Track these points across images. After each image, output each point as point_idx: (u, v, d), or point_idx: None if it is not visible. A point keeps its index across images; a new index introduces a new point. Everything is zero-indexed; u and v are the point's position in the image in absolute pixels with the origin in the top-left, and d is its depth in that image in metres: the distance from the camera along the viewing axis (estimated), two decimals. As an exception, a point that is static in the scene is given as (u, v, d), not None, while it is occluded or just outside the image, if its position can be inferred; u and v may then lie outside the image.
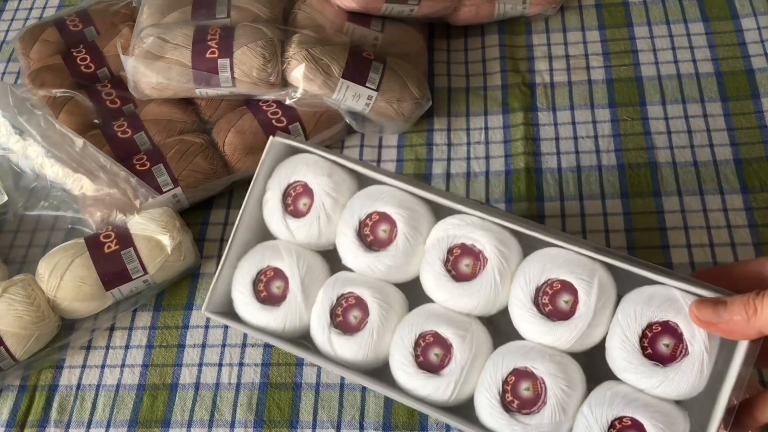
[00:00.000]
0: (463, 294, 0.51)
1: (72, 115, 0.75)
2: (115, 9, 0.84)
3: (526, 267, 0.51)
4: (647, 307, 0.47)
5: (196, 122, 0.76)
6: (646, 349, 0.47)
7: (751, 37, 0.78)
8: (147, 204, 0.68)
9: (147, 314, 0.69)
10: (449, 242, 0.52)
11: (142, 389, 0.64)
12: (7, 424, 0.64)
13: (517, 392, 0.49)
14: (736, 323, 0.43)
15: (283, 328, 0.55)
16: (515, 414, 0.48)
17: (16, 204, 0.74)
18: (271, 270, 0.56)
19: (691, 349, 0.46)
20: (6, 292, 0.64)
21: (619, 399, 0.47)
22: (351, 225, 0.54)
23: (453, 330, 0.51)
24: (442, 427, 0.60)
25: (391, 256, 0.53)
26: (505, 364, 0.49)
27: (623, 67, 0.78)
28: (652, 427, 0.46)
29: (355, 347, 0.52)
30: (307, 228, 0.56)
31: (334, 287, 0.54)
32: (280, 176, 0.57)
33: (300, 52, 0.70)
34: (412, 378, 0.51)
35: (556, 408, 0.47)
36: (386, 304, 0.53)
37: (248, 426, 0.61)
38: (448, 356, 0.51)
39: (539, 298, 0.50)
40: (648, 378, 0.47)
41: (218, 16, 0.74)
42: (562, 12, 0.83)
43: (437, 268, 0.52)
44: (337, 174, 0.56)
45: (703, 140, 0.72)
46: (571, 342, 0.49)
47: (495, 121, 0.76)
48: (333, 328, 0.53)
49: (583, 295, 0.48)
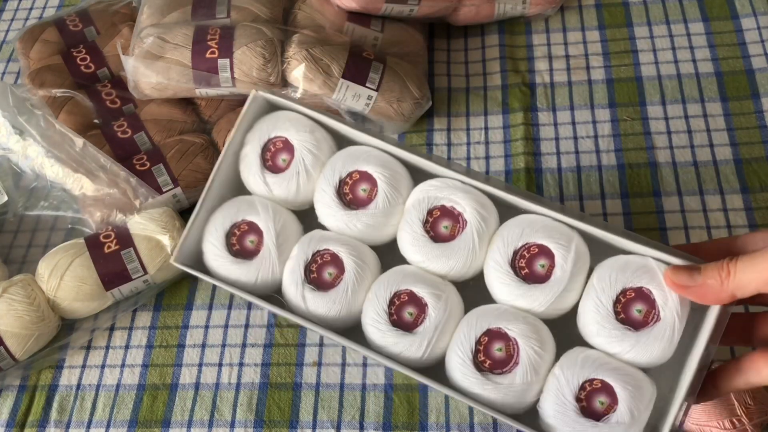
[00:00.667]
0: (441, 255, 0.52)
1: (72, 115, 0.75)
2: (115, 9, 0.84)
3: (505, 231, 0.51)
4: (622, 273, 0.48)
5: (196, 122, 0.76)
6: (619, 314, 0.48)
7: (751, 37, 0.78)
8: (147, 204, 0.68)
9: (147, 314, 0.69)
10: (429, 203, 0.53)
11: (142, 389, 0.64)
12: (7, 424, 0.64)
13: (490, 352, 0.49)
14: (710, 287, 0.44)
15: (255, 281, 0.54)
16: (487, 374, 0.49)
17: (16, 204, 0.74)
18: (246, 224, 0.55)
19: (663, 315, 0.47)
20: (6, 292, 0.64)
21: (590, 362, 0.48)
22: (331, 182, 0.54)
23: (428, 290, 0.51)
24: (442, 426, 0.60)
25: (369, 215, 0.53)
26: (479, 325, 0.50)
27: (623, 67, 0.78)
28: (622, 389, 0.47)
29: (329, 303, 0.52)
30: (285, 183, 0.55)
31: (310, 244, 0.54)
32: (260, 131, 0.56)
33: (300, 52, 0.70)
34: (385, 335, 0.51)
35: (528, 368, 0.48)
36: (362, 262, 0.53)
37: (248, 426, 0.62)
38: (422, 315, 0.51)
39: (516, 261, 0.50)
40: (620, 342, 0.48)
41: (218, 16, 0.74)
42: (562, 12, 0.83)
43: (416, 229, 0.52)
44: (319, 132, 0.56)
45: (703, 140, 0.72)
46: (546, 305, 0.49)
47: (495, 121, 0.76)
48: (307, 284, 0.53)
49: (560, 260, 0.49)
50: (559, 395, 0.47)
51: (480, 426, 0.60)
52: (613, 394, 0.47)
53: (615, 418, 0.46)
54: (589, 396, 0.47)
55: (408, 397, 0.62)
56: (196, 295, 0.69)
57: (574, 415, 0.47)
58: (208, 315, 0.68)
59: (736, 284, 0.44)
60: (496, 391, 0.48)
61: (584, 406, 0.47)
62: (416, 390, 0.62)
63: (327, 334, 0.52)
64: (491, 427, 0.60)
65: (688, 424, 0.53)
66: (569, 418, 0.47)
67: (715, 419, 0.52)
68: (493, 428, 0.59)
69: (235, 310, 0.68)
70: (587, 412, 0.47)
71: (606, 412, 0.47)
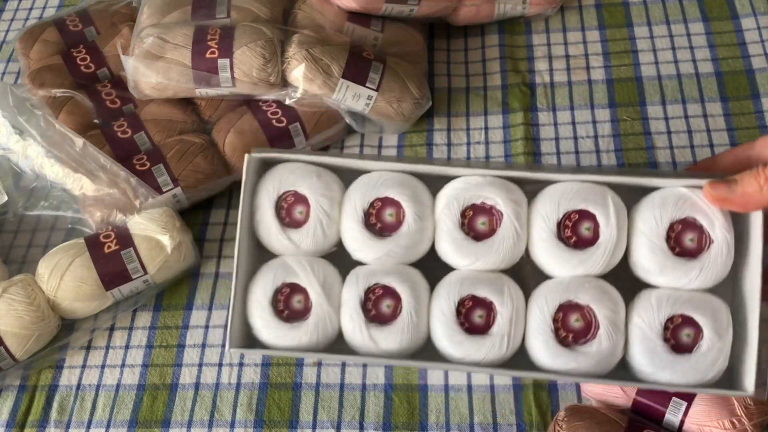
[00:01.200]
0: (488, 251, 0.52)
1: (72, 115, 0.75)
2: (115, 9, 0.84)
3: (540, 207, 0.52)
4: (664, 209, 0.50)
5: (196, 122, 0.76)
6: (674, 249, 0.50)
7: (751, 37, 0.78)
8: (147, 204, 0.68)
9: (147, 314, 0.69)
10: (460, 205, 0.53)
11: (142, 389, 0.64)
12: (7, 424, 0.64)
13: (569, 326, 0.50)
14: (750, 194, 0.47)
15: (317, 339, 0.53)
16: (573, 346, 0.50)
17: (16, 204, 0.74)
18: (287, 286, 0.54)
19: (714, 237, 0.49)
20: (6, 292, 0.64)
21: (665, 301, 0.49)
22: (356, 218, 0.54)
23: (489, 288, 0.52)
24: (442, 426, 0.60)
25: (405, 236, 0.53)
26: (550, 303, 0.51)
27: (623, 67, 0.78)
28: (702, 317, 0.49)
29: (398, 334, 0.52)
30: (311, 235, 0.55)
31: (358, 283, 0.53)
32: (267, 192, 0.55)
33: (300, 52, 0.70)
34: (463, 345, 0.51)
35: (609, 329, 0.49)
36: (414, 284, 0.53)
37: (248, 426, 0.62)
38: (492, 314, 0.52)
39: (562, 233, 0.52)
40: (685, 274, 0.50)
41: (218, 16, 0.74)
42: (562, 12, 0.83)
43: (455, 234, 0.53)
44: (325, 174, 0.56)
45: (703, 140, 0.72)
46: (604, 265, 0.51)
47: (495, 121, 0.76)
48: (370, 322, 0.53)
49: (602, 218, 0.51)
50: (646, 341, 0.49)
51: (480, 426, 0.60)
52: (696, 324, 0.49)
53: (705, 345, 0.48)
54: (674, 333, 0.49)
55: (408, 397, 0.62)
56: (196, 296, 0.69)
57: (667, 356, 0.49)
58: (208, 315, 0.68)
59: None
60: (588, 360, 0.49)
61: (673, 344, 0.49)
62: (416, 390, 0.62)
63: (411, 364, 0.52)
64: (491, 427, 0.60)
65: (688, 424, 0.53)
66: (663, 360, 0.49)
67: (715, 419, 0.52)
68: (493, 428, 0.59)
69: (235, 310, 0.68)
70: (678, 348, 0.49)
71: (695, 342, 0.49)
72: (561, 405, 0.60)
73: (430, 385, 0.62)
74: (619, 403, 0.56)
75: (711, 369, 0.48)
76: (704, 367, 0.48)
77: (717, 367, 0.48)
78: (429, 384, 0.62)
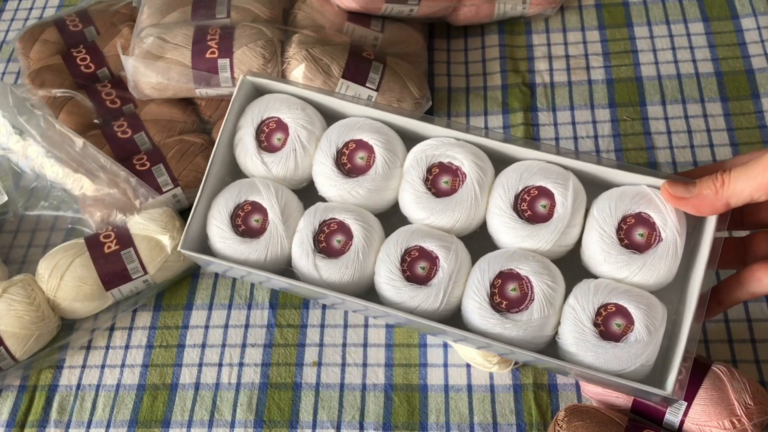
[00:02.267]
0: (445, 208, 0.54)
1: (72, 115, 0.75)
2: (115, 9, 0.84)
3: (503, 178, 0.54)
4: (620, 201, 0.51)
5: (196, 122, 0.76)
6: (622, 241, 0.51)
7: (751, 37, 0.78)
8: (147, 204, 0.68)
9: (147, 314, 0.69)
10: (427, 162, 0.55)
11: (142, 389, 0.65)
12: (7, 424, 0.64)
13: (505, 293, 0.51)
14: (706, 196, 0.47)
15: (265, 258, 0.55)
16: (505, 313, 0.51)
17: (16, 204, 0.74)
18: (249, 204, 0.56)
19: (664, 236, 0.50)
20: (6, 292, 0.64)
21: (602, 288, 0.50)
22: (328, 154, 0.56)
23: (437, 243, 0.53)
24: (442, 426, 0.60)
25: (370, 180, 0.55)
26: (491, 269, 0.52)
27: (623, 67, 0.78)
28: (636, 309, 0.49)
29: (342, 269, 0.54)
30: (283, 161, 0.57)
31: (315, 215, 0.55)
32: (252, 114, 0.58)
33: (300, 52, 0.70)
34: (401, 291, 0.52)
35: (543, 303, 0.50)
36: (368, 226, 0.55)
37: (248, 426, 0.62)
38: (434, 268, 0.53)
39: (518, 205, 0.53)
40: (627, 266, 0.50)
41: (218, 16, 0.74)
42: (562, 12, 0.83)
43: (417, 187, 0.54)
44: (309, 108, 0.58)
45: (703, 140, 0.72)
46: (552, 243, 0.52)
47: (495, 121, 0.76)
48: (317, 253, 0.54)
49: (560, 197, 0.52)
50: (577, 323, 0.50)
51: (480, 426, 0.60)
52: (628, 315, 0.49)
53: (633, 336, 0.49)
54: (605, 320, 0.49)
55: (408, 397, 0.62)
56: (196, 295, 0.69)
57: (595, 340, 0.49)
58: (208, 315, 0.68)
59: (731, 192, 0.46)
60: (516, 329, 0.50)
61: (602, 331, 0.49)
62: (416, 390, 0.62)
63: (347, 299, 0.53)
64: (491, 427, 0.60)
65: (688, 424, 0.53)
66: (589, 343, 0.49)
67: (715, 419, 0.52)
68: (493, 428, 0.59)
69: (235, 310, 0.68)
70: (606, 336, 0.49)
71: (624, 333, 0.49)
72: (561, 405, 0.60)
73: (430, 385, 0.62)
74: (619, 403, 0.56)
75: (634, 361, 0.48)
76: (627, 358, 0.48)
77: (640, 360, 0.48)
78: (429, 384, 0.62)
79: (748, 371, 0.60)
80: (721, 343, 0.62)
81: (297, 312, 0.67)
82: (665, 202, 0.50)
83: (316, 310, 0.67)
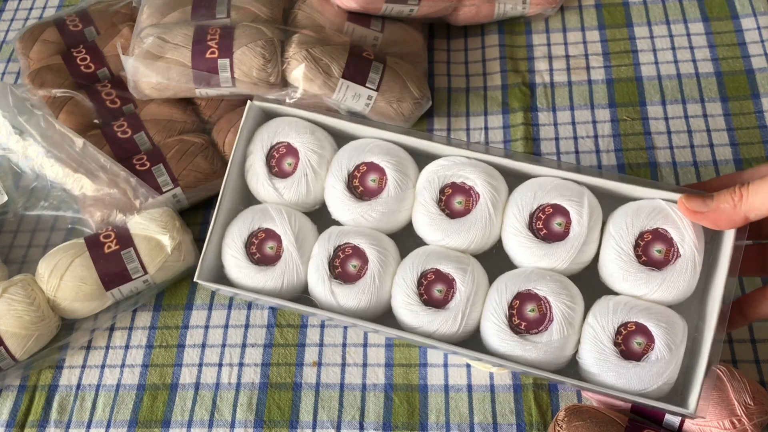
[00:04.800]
0: (460, 230, 0.53)
1: (72, 115, 0.75)
2: (115, 9, 0.84)
3: (517, 196, 0.53)
4: (636, 218, 0.50)
5: (196, 122, 0.76)
6: (640, 257, 0.50)
7: (751, 37, 0.78)
8: (147, 204, 0.68)
9: (147, 314, 0.69)
10: (440, 182, 0.54)
11: (142, 389, 0.65)
12: (7, 424, 0.64)
13: (523, 314, 0.51)
14: (723, 210, 0.46)
15: (281, 286, 0.55)
16: (524, 335, 0.50)
17: (16, 204, 0.74)
18: (263, 231, 0.56)
19: (682, 251, 0.49)
20: (6, 292, 0.64)
21: (621, 306, 0.49)
22: (340, 178, 0.56)
23: (453, 265, 0.52)
24: (442, 426, 0.60)
25: (383, 203, 0.55)
26: (509, 290, 0.51)
27: (623, 67, 0.78)
28: (656, 327, 0.48)
29: (358, 294, 0.53)
30: (295, 186, 0.57)
31: (330, 240, 0.55)
32: (261, 140, 0.58)
33: (300, 52, 0.70)
34: (419, 315, 0.52)
35: (562, 323, 0.50)
36: (384, 250, 0.54)
37: (248, 426, 0.62)
38: (451, 291, 0.52)
39: (533, 224, 0.52)
40: (646, 283, 0.50)
41: (218, 16, 0.74)
42: (562, 12, 0.83)
43: (431, 208, 0.54)
44: (319, 132, 0.58)
45: (703, 140, 0.72)
46: (568, 261, 0.51)
47: (495, 121, 0.76)
48: (333, 279, 0.54)
49: (575, 215, 0.51)
50: (597, 343, 0.49)
51: (480, 426, 0.60)
52: (649, 334, 0.49)
53: (654, 355, 0.48)
54: (626, 339, 0.49)
55: (408, 397, 0.62)
56: (196, 295, 0.69)
57: (615, 359, 0.48)
58: (208, 315, 0.68)
59: (749, 206, 0.45)
60: (536, 350, 0.49)
61: (623, 350, 0.49)
62: (416, 390, 0.62)
63: (367, 326, 0.52)
64: (491, 427, 0.60)
65: (688, 424, 0.53)
66: (611, 363, 0.48)
67: (715, 419, 0.52)
68: (493, 428, 0.59)
69: (235, 310, 0.68)
70: (627, 355, 0.49)
71: (645, 351, 0.48)
72: (561, 405, 0.60)
73: (430, 385, 0.62)
74: (619, 404, 0.56)
75: (656, 380, 0.48)
76: (649, 377, 0.48)
77: (662, 379, 0.48)
78: (429, 384, 0.62)
79: (748, 371, 0.60)
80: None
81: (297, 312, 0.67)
82: (682, 216, 0.49)
83: (316, 310, 0.67)
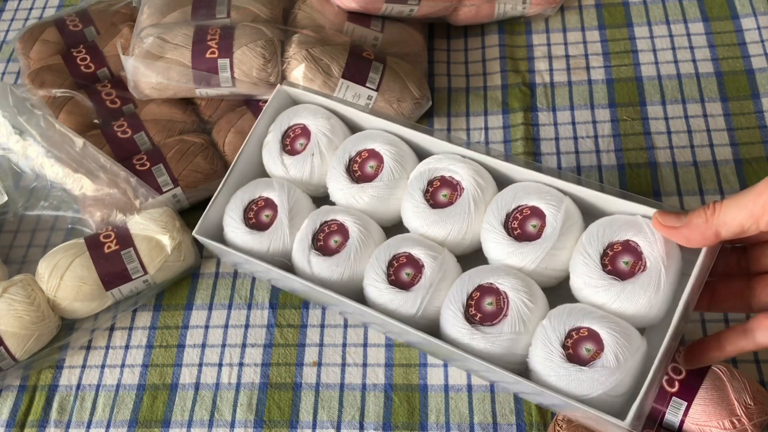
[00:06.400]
0: (439, 220, 0.55)
1: (72, 115, 0.75)
2: (115, 9, 0.84)
3: (499, 196, 0.55)
4: (609, 228, 0.51)
5: (196, 122, 0.76)
6: (606, 266, 0.50)
7: (751, 37, 0.78)
8: (147, 204, 0.68)
9: (147, 314, 0.69)
10: (430, 175, 0.56)
11: (142, 389, 0.65)
12: (7, 424, 0.64)
13: (481, 307, 0.51)
14: (696, 225, 0.46)
15: (267, 250, 0.58)
16: (476, 325, 0.50)
17: (16, 204, 0.74)
18: (263, 200, 0.60)
19: (649, 264, 0.49)
20: (6, 292, 0.64)
21: (577, 312, 0.49)
22: (342, 161, 0.59)
23: (425, 251, 0.54)
24: (442, 426, 0.60)
25: (374, 187, 0.57)
26: (471, 281, 0.52)
27: (623, 67, 0.78)
28: (608, 335, 0.48)
29: (333, 266, 0.55)
30: (301, 164, 0.60)
31: (319, 215, 0.58)
32: (281, 121, 0.62)
33: (300, 52, 0.70)
34: (382, 293, 0.53)
35: (516, 319, 0.50)
36: (366, 230, 0.56)
37: (248, 426, 0.62)
38: (419, 275, 0.53)
39: (509, 223, 0.53)
40: (606, 291, 0.49)
41: (218, 16, 0.74)
42: (562, 12, 0.83)
43: (417, 197, 0.56)
44: (334, 119, 0.61)
45: (703, 140, 0.72)
46: (536, 262, 0.51)
47: (495, 121, 0.76)
48: (313, 250, 0.56)
49: (551, 218, 0.52)
50: (546, 342, 0.49)
51: (480, 426, 0.60)
52: (600, 341, 0.48)
53: (600, 363, 0.47)
54: (575, 343, 0.49)
55: (408, 397, 0.62)
56: (196, 295, 0.69)
57: (560, 361, 0.48)
58: (208, 315, 0.68)
59: (721, 221, 0.45)
60: (484, 341, 0.49)
61: (570, 353, 0.48)
62: (416, 390, 0.62)
63: (327, 293, 0.54)
64: (491, 427, 0.60)
65: (688, 423, 0.53)
66: (555, 364, 0.48)
67: (715, 419, 0.52)
68: (493, 428, 0.59)
69: (235, 310, 0.68)
70: (573, 359, 0.48)
71: (592, 358, 0.48)
72: (561, 405, 0.60)
73: (430, 385, 0.62)
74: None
75: (596, 388, 0.46)
76: (590, 384, 0.47)
77: (603, 387, 0.46)
78: (429, 384, 0.62)
79: (748, 371, 0.60)
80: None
81: (297, 312, 0.67)
82: (655, 231, 0.49)
83: (316, 310, 0.67)
